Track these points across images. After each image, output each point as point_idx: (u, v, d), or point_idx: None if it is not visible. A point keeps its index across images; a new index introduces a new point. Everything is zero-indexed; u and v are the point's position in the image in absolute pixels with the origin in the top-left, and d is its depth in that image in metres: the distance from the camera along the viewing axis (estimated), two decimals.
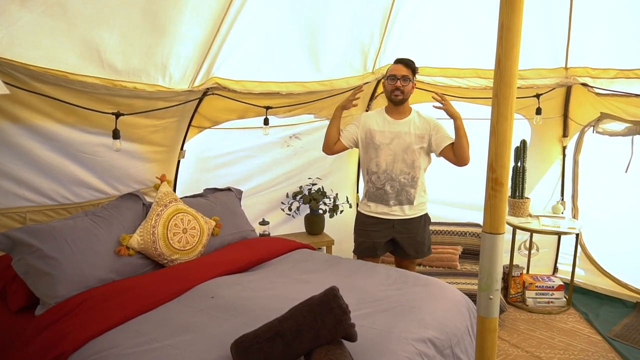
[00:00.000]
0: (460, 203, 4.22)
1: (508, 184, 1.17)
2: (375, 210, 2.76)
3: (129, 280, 2.14)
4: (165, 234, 2.37)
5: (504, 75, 1.09)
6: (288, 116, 3.45)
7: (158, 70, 2.51)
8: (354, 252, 2.93)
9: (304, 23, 2.81)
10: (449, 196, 4.21)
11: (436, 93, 2.63)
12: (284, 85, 3.07)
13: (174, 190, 3.54)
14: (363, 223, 2.82)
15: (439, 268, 3.76)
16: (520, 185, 3.79)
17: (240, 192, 3.22)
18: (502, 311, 3.30)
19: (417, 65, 2.79)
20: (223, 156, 3.59)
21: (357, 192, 4.36)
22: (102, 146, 2.75)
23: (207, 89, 2.93)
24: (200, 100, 3.09)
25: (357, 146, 2.85)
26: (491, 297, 1.19)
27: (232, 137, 3.49)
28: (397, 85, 2.61)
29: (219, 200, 2.95)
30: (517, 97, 3.28)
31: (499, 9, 1.10)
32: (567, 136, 3.75)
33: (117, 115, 2.44)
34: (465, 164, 2.69)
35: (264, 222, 3.81)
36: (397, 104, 2.67)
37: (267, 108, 3.14)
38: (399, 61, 2.70)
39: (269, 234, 3.83)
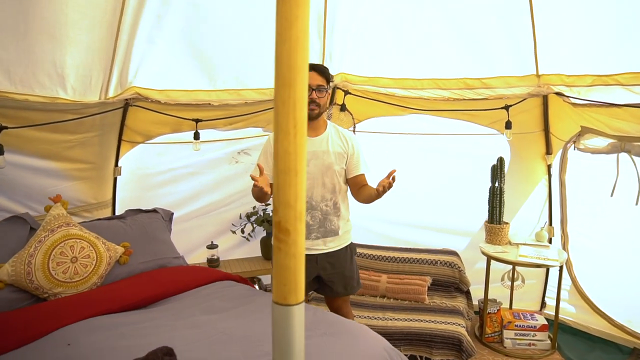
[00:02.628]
0: (432, 227, 3.79)
1: (301, 229, 0.80)
2: None
3: None
4: (45, 264, 2.07)
5: (280, 68, 0.72)
6: (230, 129, 3.14)
7: (54, 82, 2.25)
8: None
9: (219, 23, 2.51)
10: (420, 218, 3.79)
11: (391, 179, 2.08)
12: (215, 94, 2.78)
13: (113, 210, 3.28)
14: None
15: (404, 301, 3.33)
16: (498, 209, 3.35)
17: (169, 214, 2.91)
18: (469, 355, 2.85)
19: (370, 75, 2.43)
20: (164, 173, 3.31)
21: None
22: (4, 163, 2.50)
23: (127, 100, 2.67)
24: (125, 112, 2.82)
25: None
26: None
27: (171, 153, 3.21)
28: (313, 98, 2.20)
29: (138, 223, 2.64)
30: (485, 109, 2.79)
31: None
32: (550, 153, 3.29)
33: (0, 128, 2.18)
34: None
35: (212, 246, 3.50)
36: (313, 119, 2.28)
37: (197, 121, 2.84)
38: (311, 68, 2.25)
39: (218, 258, 3.52)
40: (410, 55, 2.85)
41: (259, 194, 2.18)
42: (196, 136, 2.87)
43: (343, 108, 3.13)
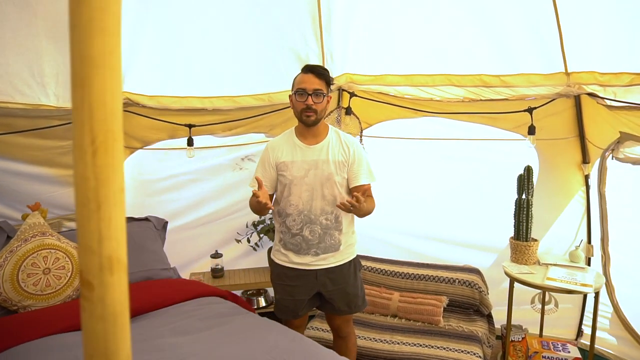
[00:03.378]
0: (454, 240, 3.47)
1: (112, 282, 0.60)
2: (293, 260, 2.17)
3: None
4: (14, 275, 2.00)
5: (73, 62, 0.53)
6: (229, 135, 2.99)
7: (35, 91, 2.20)
8: (274, 311, 2.36)
9: (204, 28, 2.36)
10: (440, 231, 3.48)
11: (347, 202, 1.91)
12: (209, 101, 2.64)
13: None
14: (279, 276, 2.24)
15: (417, 323, 3.04)
16: (525, 224, 2.98)
17: (162, 222, 2.80)
18: None
19: (377, 73, 2.20)
20: (165, 179, 3.22)
21: None
22: None
23: None
24: None
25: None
26: None
27: (171, 159, 3.11)
28: (309, 104, 2.00)
29: (128, 232, 2.52)
30: (505, 112, 2.48)
31: None
32: (588, 162, 2.89)
33: None
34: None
35: (216, 255, 3.37)
36: (310, 125, 2.08)
37: (190, 126, 2.71)
38: (308, 70, 2.06)
39: (223, 268, 3.39)
40: (420, 50, 2.58)
41: (258, 207, 2.03)
42: (189, 142, 2.74)
43: (349, 111, 2.90)
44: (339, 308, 2.26)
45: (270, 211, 2.29)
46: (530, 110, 2.52)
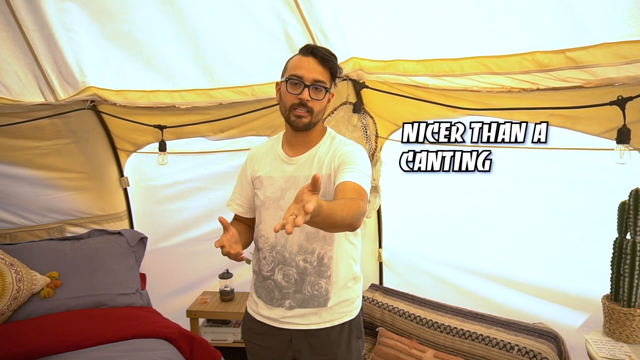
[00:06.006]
0: (525, 283, 2.49)
1: None
2: (261, 312, 1.58)
3: None
4: None
5: None
6: (223, 138, 2.53)
7: None
8: None
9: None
10: (507, 270, 2.54)
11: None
12: (180, 96, 2.20)
13: (130, 224, 3.05)
14: (248, 330, 1.66)
15: None
16: (628, 279, 1.94)
17: (139, 239, 2.46)
18: None
19: (385, 58, 1.51)
20: (170, 187, 2.92)
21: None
22: None
23: (87, 101, 2.31)
24: (100, 116, 2.48)
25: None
26: None
27: (170, 164, 2.76)
28: (303, 98, 1.40)
29: (88, 248, 2.25)
30: (580, 107, 1.56)
31: None
32: None
33: None
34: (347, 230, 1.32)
35: (225, 275, 2.96)
36: (300, 129, 1.47)
37: (161, 128, 2.30)
38: (309, 51, 1.43)
39: (233, 290, 2.97)
40: (442, 23, 1.75)
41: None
42: (162, 147, 2.34)
43: (357, 108, 2.17)
44: None
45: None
46: (621, 103, 1.52)
